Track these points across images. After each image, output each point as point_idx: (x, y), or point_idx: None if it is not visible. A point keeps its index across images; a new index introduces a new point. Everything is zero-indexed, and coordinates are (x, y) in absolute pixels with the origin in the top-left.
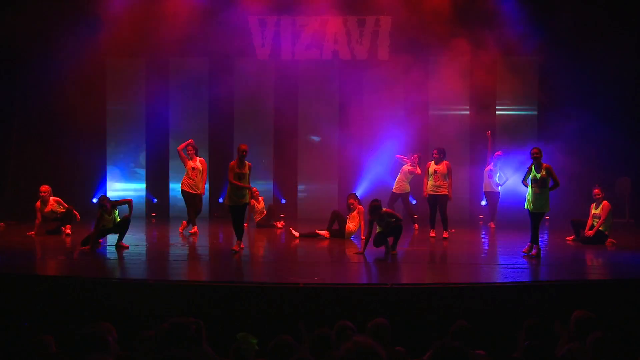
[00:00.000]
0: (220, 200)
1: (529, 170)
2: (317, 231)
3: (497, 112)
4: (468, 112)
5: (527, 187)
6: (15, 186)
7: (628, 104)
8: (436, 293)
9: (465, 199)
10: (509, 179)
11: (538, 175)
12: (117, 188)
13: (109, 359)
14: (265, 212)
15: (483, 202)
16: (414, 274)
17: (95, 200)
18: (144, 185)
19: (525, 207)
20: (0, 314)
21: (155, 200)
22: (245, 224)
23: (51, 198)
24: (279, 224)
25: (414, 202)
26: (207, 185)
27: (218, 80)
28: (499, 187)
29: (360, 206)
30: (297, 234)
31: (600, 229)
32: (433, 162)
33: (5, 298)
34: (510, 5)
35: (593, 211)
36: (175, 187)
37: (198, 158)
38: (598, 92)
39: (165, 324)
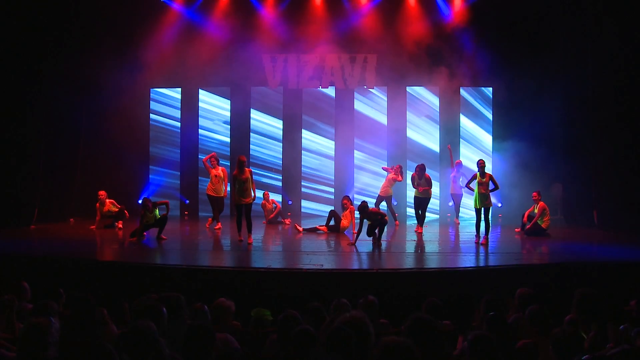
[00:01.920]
0: None
1: (474, 176)
2: (317, 227)
3: (460, 130)
4: (438, 130)
5: (472, 190)
6: (81, 191)
7: (561, 128)
8: (413, 276)
9: (435, 202)
10: None
11: (483, 180)
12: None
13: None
14: (275, 211)
15: (450, 203)
16: (395, 261)
17: (140, 202)
18: (178, 189)
19: (474, 207)
20: (69, 290)
21: (187, 201)
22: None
23: (107, 200)
24: (286, 221)
25: (395, 203)
26: (228, 189)
27: (238, 104)
28: (462, 189)
29: (352, 206)
30: (301, 229)
31: (538, 223)
32: (417, 177)
33: (72, 277)
34: (471, 47)
35: (534, 210)
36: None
37: (220, 167)
38: (540, 119)
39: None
